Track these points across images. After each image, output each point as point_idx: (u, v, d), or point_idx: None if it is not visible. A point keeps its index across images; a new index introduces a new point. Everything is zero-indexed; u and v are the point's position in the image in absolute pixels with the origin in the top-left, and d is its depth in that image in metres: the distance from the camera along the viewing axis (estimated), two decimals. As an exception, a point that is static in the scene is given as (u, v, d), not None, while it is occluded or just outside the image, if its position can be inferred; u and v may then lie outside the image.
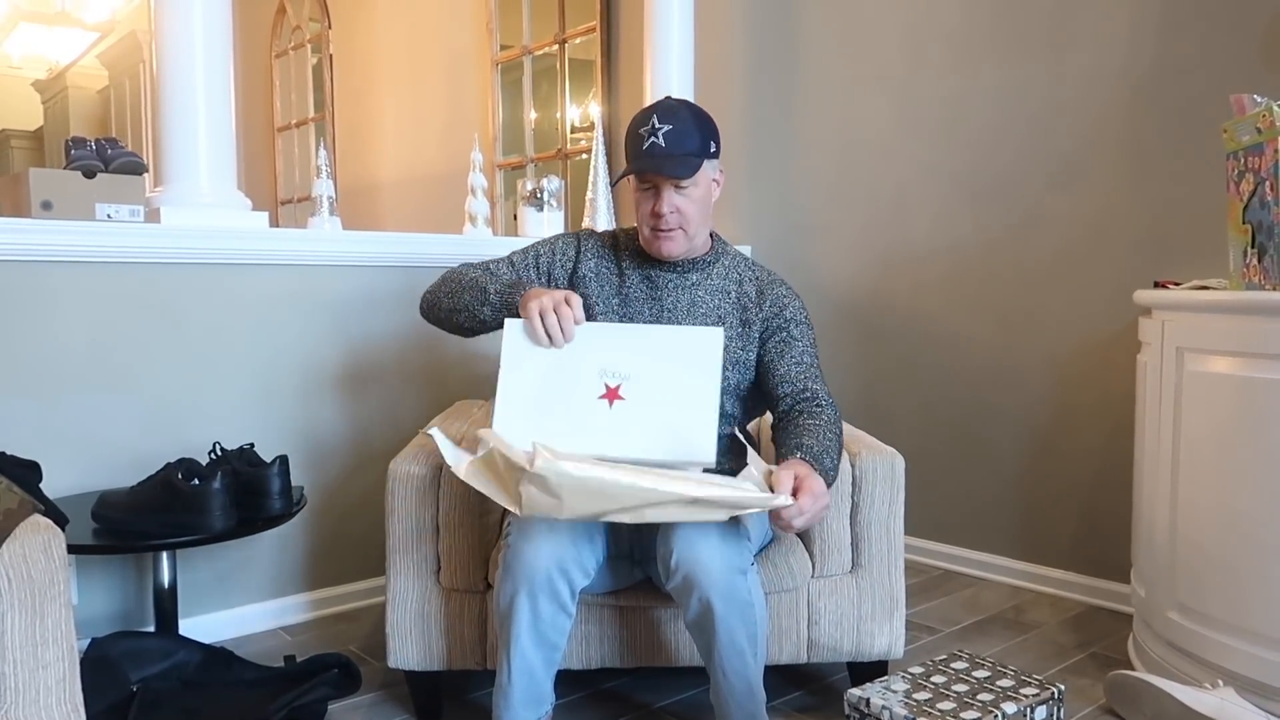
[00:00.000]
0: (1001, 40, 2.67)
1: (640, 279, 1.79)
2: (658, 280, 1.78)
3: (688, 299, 1.77)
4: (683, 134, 1.66)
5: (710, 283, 1.79)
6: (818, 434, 1.62)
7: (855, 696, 1.64)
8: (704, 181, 1.71)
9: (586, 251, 1.82)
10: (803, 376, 1.74)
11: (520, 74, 4.36)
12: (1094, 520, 2.53)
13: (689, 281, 1.78)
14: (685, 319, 1.76)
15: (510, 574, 1.54)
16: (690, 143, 1.67)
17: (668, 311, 1.76)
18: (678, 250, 1.73)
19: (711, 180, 1.74)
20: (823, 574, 1.85)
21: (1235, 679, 1.74)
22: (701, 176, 1.69)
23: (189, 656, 1.99)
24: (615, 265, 1.81)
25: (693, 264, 1.78)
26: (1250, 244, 1.75)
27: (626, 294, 1.78)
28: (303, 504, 2.08)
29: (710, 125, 1.72)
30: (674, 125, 1.66)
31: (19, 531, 1.19)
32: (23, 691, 1.18)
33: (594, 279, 1.80)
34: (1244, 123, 1.75)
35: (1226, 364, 1.76)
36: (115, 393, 2.16)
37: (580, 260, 1.82)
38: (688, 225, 1.70)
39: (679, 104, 1.72)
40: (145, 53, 6.26)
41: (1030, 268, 2.63)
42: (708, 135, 1.70)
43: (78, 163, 2.15)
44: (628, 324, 1.74)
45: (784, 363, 1.75)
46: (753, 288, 1.80)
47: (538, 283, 1.80)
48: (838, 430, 1.69)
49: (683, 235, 1.71)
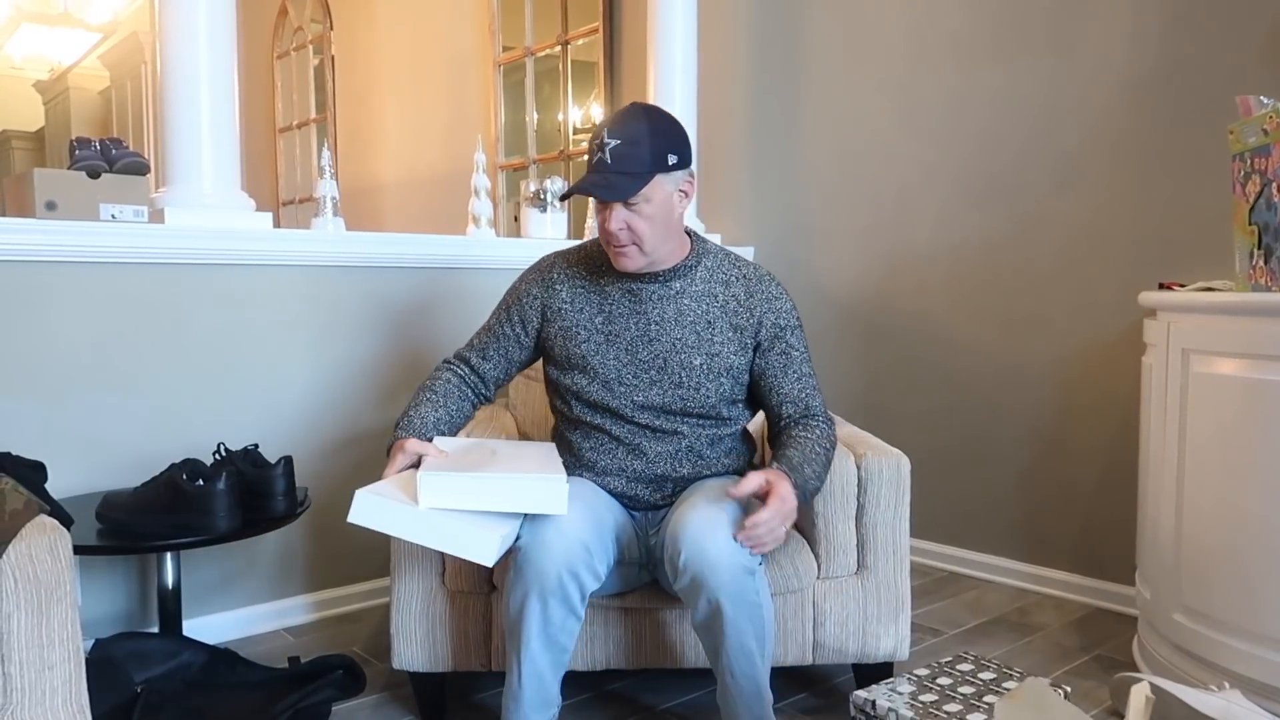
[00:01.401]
0: (1004, 42, 2.66)
1: (622, 293, 1.75)
2: (640, 293, 1.74)
3: (673, 309, 1.73)
4: (631, 149, 1.59)
5: (694, 289, 1.75)
6: (805, 447, 1.66)
7: (861, 698, 1.64)
8: (659, 196, 1.63)
9: (557, 282, 1.79)
10: (804, 395, 1.74)
11: (523, 75, 4.36)
12: (1099, 522, 2.53)
13: (672, 290, 1.74)
14: (673, 329, 1.72)
15: (521, 578, 1.53)
16: (637, 159, 1.60)
17: (654, 324, 1.73)
18: (633, 266, 1.69)
19: (674, 192, 1.66)
20: (828, 575, 1.85)
21: (1241, 681, 1.74)
22: (654, 192, 1.62)
23: (193, 657, 1.99)
24: (594, 284, 1.77)
25: (674, 271, 1.73)
26: (1256, 245, 1.75)
27: (610, 311, 1.75)
28: (307, 505, 2.08)
29: (670, 136, 1.64)
30: (622, 140, 1.60)
31: (25, 532, 1.19)
32: (28, 692, 1.17)
33: (570, 307, 1.77)
34: (1250, 124, 1.75)
35: (1232, 366, 1.76)
36: (120, 393, 2.16)
37: (551, 295, 1.79)
38: (641, 242, 1.65)
39: (635, 114, 1.65)
40: (147, 54, 6.27)
41: (1034, 269, 2.63)
42: (664, 147, 1.62)
43: (82, 163, 2.15)
44: (475, 474, 1.57)
45: (787, 380, 1.74)
46: (740, 288, 1.76)
47: (520, 334, 1.81)
48: (827, 445, 1.70)
49: (636, 251, 1.66)
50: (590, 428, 1.77)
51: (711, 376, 1.72)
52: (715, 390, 1.73)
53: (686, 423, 1.74)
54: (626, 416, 1.73)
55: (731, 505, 1.57)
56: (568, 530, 1.53)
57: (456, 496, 1.50)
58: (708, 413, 1.74)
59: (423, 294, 2.62)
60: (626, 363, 1.73)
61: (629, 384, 1.73)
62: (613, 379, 1.73)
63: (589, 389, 1.74)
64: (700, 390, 1.72)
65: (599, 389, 1.74)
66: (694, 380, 1.71)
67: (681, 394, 1.72)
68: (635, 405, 1.73)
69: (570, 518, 1.54)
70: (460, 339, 2.75)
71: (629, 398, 1.73)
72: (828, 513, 1.83)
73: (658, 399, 1.72)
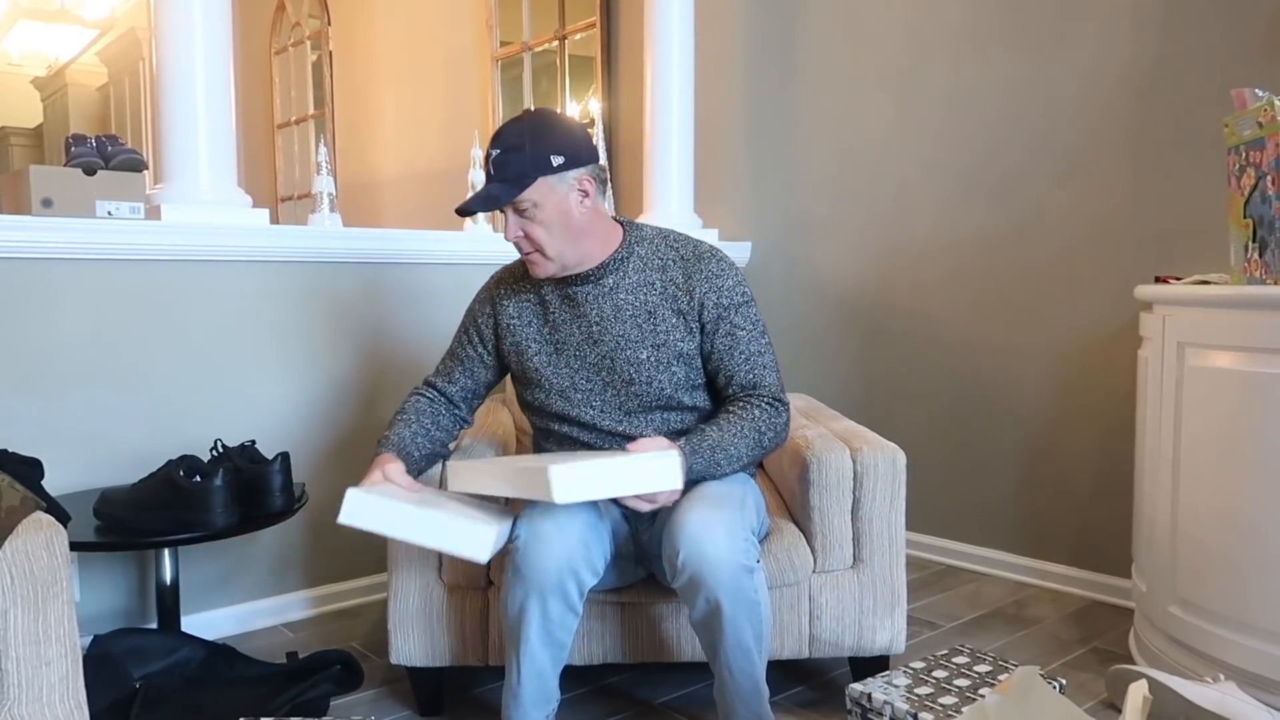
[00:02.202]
0: (1003, 37, 2.66)
1: (560, 299, 1.74)
2: (576, 295, 1.72)
3: (610, 305, 1.71)
4: (511, 156, 1.60)
5: (628, 280, 1.71)
6: (730, 426, 1.63)
7: (857, 691, 1.64)
8: (550, 200, 1.61)
9: (501, 299, 1.80)
10: (751, 373, 1.70)
11: (520, 70, 4.36)
12: (1095, 515, 2.54)
13: (606, 287, 1.71)
14: (614, 326, 1.70)
15: (520, 576, 1.53)
16: (516, 165, 1.59)
17: (594, 325, 1.71)
18: (545, 273, 1.68)
19: (570, 193, 1.63)
20: (824, 569, 1.85)
21: (1236, 673, 1.74)
22: (542, 196, 1.60)
23: (191, 653, 1.99)
24: (535, 295, 1.77)
25: (603, 268, 1.70)
26: (1251, 239, 1.75)
27: (554, 320, 1.74)
28: (304, 501, 2.09)
29: (554, 136, 1.61)
30: (503, 149, 1.61)
31: (21, 529, 1.19)
32: (26, 688, 1.18)
33: (518, 322, 1.77)
34: (1245, 117, 1.75)
35: (1227, 359, 1.76)
36: (117, 390, 2.16)
37: (498, 312, 1.79)
38: (543, 249, 1.64)
39: (520, 120, 1.65)
40: (145, 50, 6.25)
41: (1032, 263, 2.63)
42: (546, 149, 1.60)
43: (78, 160, 2.15)
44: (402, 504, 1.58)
45: (733, 360, 1.70)
46: (678, 270, 1.71)
47: (482, 354, 1.82)
48: (761, 426, 1.65)
49: (541, 258, 1.66)
50: (561, 437, 1.77)
51: (662, 367, 1.69)
52: (669, 380, 1.70)
53: (650, 418, 1.72)
54: (590, 423, 1.73)
55: (729, 503, 1.57)
56: (566, 527, 1.53)
57: (376, 519, 1.51)
58: (667, 404, 1.72)
59: (420, 290, 2.62)
60: (578, 368, 1.72)
61: (584, 389, 1.72)
62: (568, 387, 1.73)
63: (549, 401, 1.75)
64: (653, 384, 1.70)
65: (558, 400, 1.74)
66: (644, 375, 1.69)
67: (635, 390, 1.70)
68: (595, 411, 1.72)
69: (566, 515, 1.54)
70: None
71: (587, 405, 1.72)
72: (824, 506, 1.84)
73: (614, 400, 1.71)
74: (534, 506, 1.58)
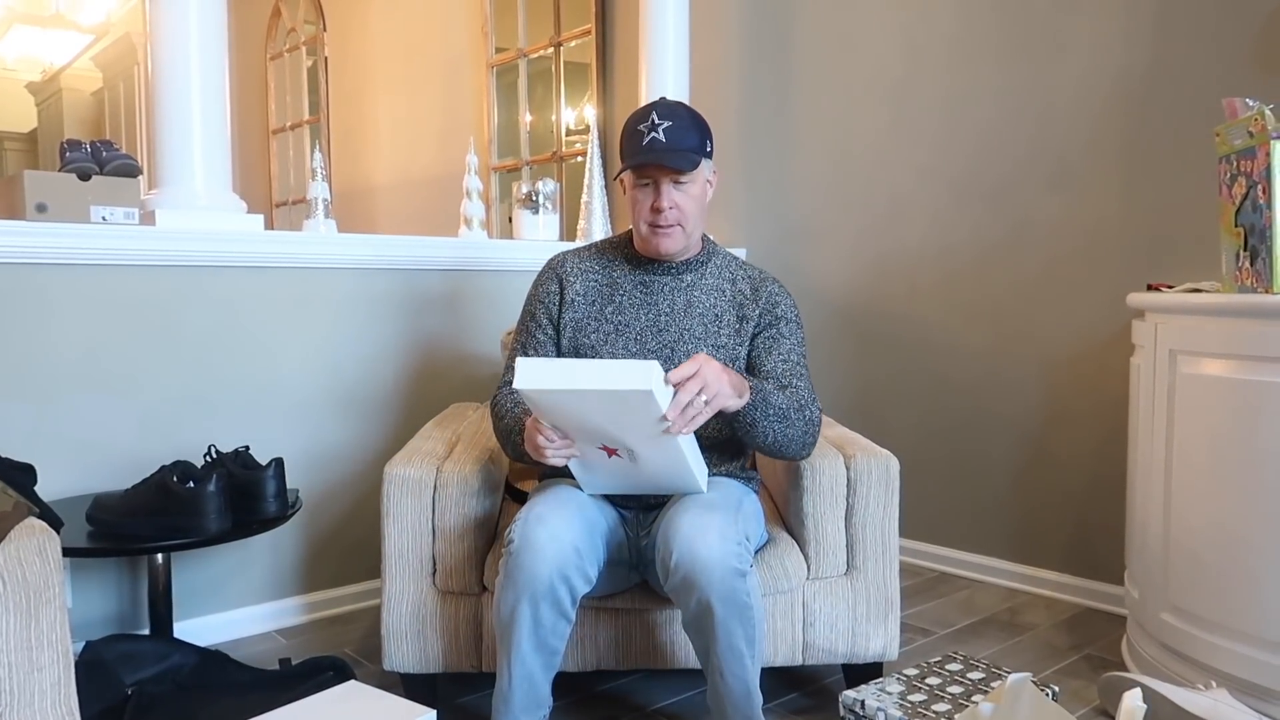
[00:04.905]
0: (997, 45, 2.67)
1: (634, 284, 1.80)
2: (652, 285, 1.79)
3: (684, 300, 1.78)
4: (682, 131, 1.69)
5: (705, 282, 1.80)
6: (781, 394, 1.65)
7: (850, 698, 1.64)
8: (701, 180, 1.73)
9: (570, 275, 1.83)
10: (788, 373, 1.74)
11: (515, 77, 4.37)
12: (1088, 522, 2.54)
13: (684, 283, 1.79)
14: (681, 320, 1.77)
15: (512, 581, 1.53)
16: (690, 139, 1.69)
17: (664, 315, 1.77)
18: (675, 247, 1.74)
19: (706, 180, 1.76)
20: (818, 576, 1.85)
21: (1228, 680, 1.75)
22: (699, 174, 1.72)
23: (184, 659, 1.98)
24: (605, 275, 1.82)
25: (686, 265, 1.81)
26: (1242, 247, 1.76)
27: (620, 302, 1.79)
28: (298, 507, 2.08)
29: (705, 126, 1.75)
30: (674, 122, 1.69)
31: (13, 534, 1.19)
32: (17, 695, 1.17)
33: (582, 300, 1.81)
34: (1236, 126, 1.76)
35: (1219, 366, 1.77)
36: (110, 395, 2.16)
37: (565, 288, 1.82)
38: (685, 222, 1.72)
39: (676, 103, 1.75)
40: (140, 55, 6.26)
41: (1025, 271, 2.64)
42: (704, 135, 1.73)
43: (72, 165, 2.15)
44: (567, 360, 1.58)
45: (770, 359, 1.76)
46: (746, 285, 1.82)
47: (552, 335, 1.81)
48: (807, 415, 1.68)
49: (680, 232, 1.73)
50: None
51: None
52: None
53: None
54: None
55: (724, 507, 1.58)
56: (559, 533, 1.53)
57: (549, 378, 1.49)
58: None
59: (415, 296, 2.62)
60: (635, 352, 1.76)
61: None
62: None
63: None
64: None
65: None
66: None
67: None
68: None
69: (561, 521, 1.55)
70: (452, 340, 2.75)
71: None
72: (817, 513, 1.84)
73: None
74: (529, 511, 1.58)
